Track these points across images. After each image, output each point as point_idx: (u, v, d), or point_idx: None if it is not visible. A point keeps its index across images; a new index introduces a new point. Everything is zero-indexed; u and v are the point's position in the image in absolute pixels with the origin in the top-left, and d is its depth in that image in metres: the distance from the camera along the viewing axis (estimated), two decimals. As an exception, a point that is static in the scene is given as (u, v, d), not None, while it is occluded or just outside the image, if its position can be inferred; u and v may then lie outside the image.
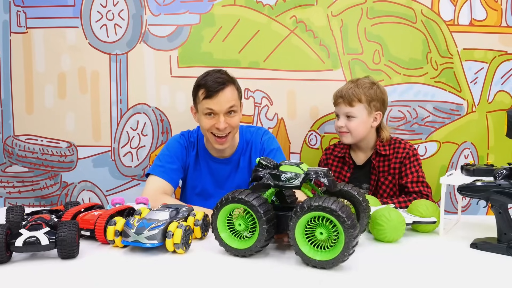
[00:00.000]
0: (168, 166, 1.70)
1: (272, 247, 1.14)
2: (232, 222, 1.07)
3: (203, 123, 1.63)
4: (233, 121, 1.62)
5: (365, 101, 1.73)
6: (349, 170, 1.84)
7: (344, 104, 1.74)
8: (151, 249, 1.08)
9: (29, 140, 2.12)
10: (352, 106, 1.73)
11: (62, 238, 0.98)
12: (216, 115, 1.59)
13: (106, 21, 2.08)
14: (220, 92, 1.57)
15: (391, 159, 1.77)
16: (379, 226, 1.16)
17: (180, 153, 1.75)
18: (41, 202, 2.15)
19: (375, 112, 1.77)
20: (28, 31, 2.09)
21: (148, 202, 1.37)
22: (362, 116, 1.74)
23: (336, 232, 0.95)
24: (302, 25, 2.08)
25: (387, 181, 1.77)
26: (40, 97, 2.10)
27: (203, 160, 1.78)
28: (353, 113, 1.74)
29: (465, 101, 2.11)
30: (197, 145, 1.78)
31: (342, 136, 1.79)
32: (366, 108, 1.74)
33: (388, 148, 1.79)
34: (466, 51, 2.10)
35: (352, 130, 1.75)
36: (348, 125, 1.75)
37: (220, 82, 1.58)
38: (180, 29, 2.08)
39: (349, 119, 1.75)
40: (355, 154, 1.87)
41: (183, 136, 1.79)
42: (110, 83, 2.09)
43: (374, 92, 1.76)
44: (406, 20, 2.09)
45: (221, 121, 1.58)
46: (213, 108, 1.58)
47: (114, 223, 1.09)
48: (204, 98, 1.58)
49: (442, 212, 1.26)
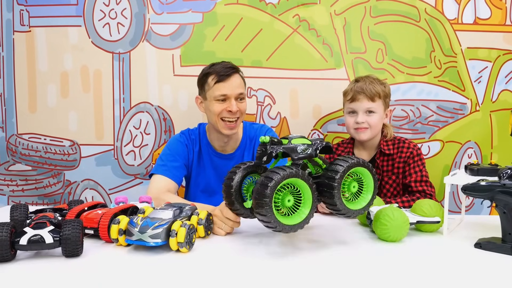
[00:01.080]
0: (170, 164, 1.71)
1: (275, 246, 1.14)
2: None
3: (214, 108, 1.65)
4: (242, 106, 1.68)
5: (383, 97, 1.75)
6: None
7: (366, 99, 1.72)
8: (154, 248, 1.08)
9: (32, 139, 2.12)
10: (374, 101, 1.73)
11: (66, 237, 0.98)
12: (227, 99, 1.64)
13: (109, 20, 2.09)
14: (231, 76, 1.64)
15: (395, 159, 1.76)
16: (382, 226, 1.16)
17: (182, 151, 1.76)
18: (44, 201, 2.15)
19: (387, 108, 1.79)
20: (31, 30, 2.09)
21: (152, 201, 1.37)
22: (381, 111, 1.75)
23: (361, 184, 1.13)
24: (305, 24, 2.08)
25: (390, 181, 1.77)
26: (43, 96, 2.11)
27: (206, 155, 1.79)
28: (374, 108, 1.73)
29: (468, 100, 2.11)
30: (200, 141, 1.80)
31: (360, 133, 1.75)
32: (383, 104, 1.76)
33: (392, 148, 1.78)
34: (470, 50, 2.09)
35: (372, 126, 1.74)
36: (369, 120, 1.73)
37: (230, 67, 1.66)
38: (182, 28, 2.08)
39: (369, 114, 1.74)
40: (359, 152, 1.86)
41: (183, 135, 1.80)
42: (113, 82, 2.10)
43: (386, 88, 1.78)
44: (410, 19, 2.08)
45: (233, 103, 1.63)
46: (225, 92, 1.63)
47: (118, 222, 1.09)
48: (216, 82, 1.63)
49: (446, 212, 1.25)
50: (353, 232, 1.31)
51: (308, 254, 1.09)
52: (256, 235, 1.27)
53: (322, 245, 1.18)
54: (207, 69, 1.70)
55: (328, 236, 1.28)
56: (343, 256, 1.08)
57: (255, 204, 1.00)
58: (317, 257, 1.07)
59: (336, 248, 1.14)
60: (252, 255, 1.08)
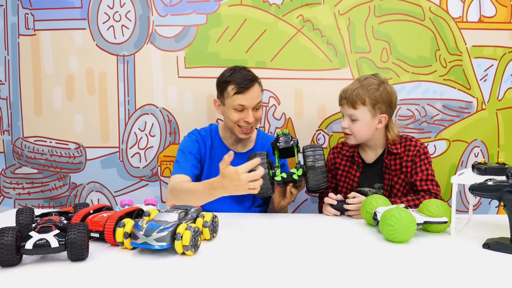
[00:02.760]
0: (183, 162, 1.73)
1: (282, 248, 1.14)
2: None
3: (231, 116, 1.70)
4: (258, 114, 1.74)
5: (369, 104, 1.65)
6: (358, 169, 1.80)
7: (348, 106, 1.68)
8: (160, 251, 1.08)
9: (38, 142, 2.13)
10: (355, 108, 1.66)
11: (71, 241, 0.98)
12: (245, 109, 1.69)
13: (113, 22, 2.09)
14: (250, 88, 1.68)
15: (402, 157, 1.72)
16: (389, 227, 1.15)
17: (192, 147, 1.78)
18: (50, 203, 2.16)
19: (379, 114, 1.68)
20: (36, 33, 2.10)
21: (157, 203, 1.37)
22: (365, 118, 1.67)
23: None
24: (309, 24, 2.07)
25: (400, 180, 1.72)
26: (49, 99, 2.12)
27: (219, 150, 1.82)
28: (356, 115, 1.67)
29: (474, 99, 2.09)
30: (211, 137, 1.84)
31: (346, 138, 1.76)
32: (370, 111, 1.66)
33: (400, 147, 1.74)
34: (475, 48, 2.07)
35: (354, 133, 1.70)
36: (351, 127, 1.69)
37: (250, 79, 1.69)
38: (187, 29, 2.08)
39: (352, 121, 1.69)
40: (364, 152, 1.82)
41: (193, 134, 1.83)
42: (118, 84, 2.10)
43: (380, 94, 1.66)
44: (414, 18, 2.07)
45: (250, 115, 1.69)
46: (244, 104, 1.67)
47: (123, 225, 1.09)
48: (235, 93, 1.68)
49: (454, 212, 1.24)
50: (359, 233, 1.30)
51: (315, 255, 1.08)
52: (263, 237, 1.27)
53: (328, 246, 1.17)
54: (227, 75, 1.71)
55: (335, 237, 1.27)
56: (350, 257, 1.07)
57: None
58: (323, 258, 1.06)
59: (342, 249, 1.13)
60: (258, 258, 1.07)
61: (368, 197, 1.39)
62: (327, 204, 1.59)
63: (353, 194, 1.56)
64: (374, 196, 1.38)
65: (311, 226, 1.42)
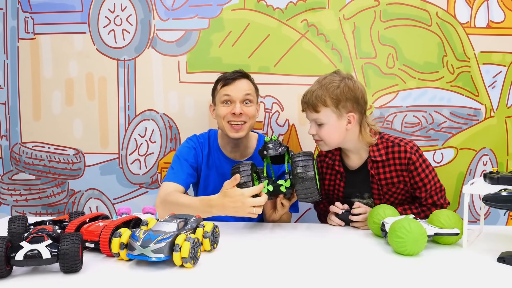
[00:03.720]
0: (178, 169, 1.68)
1: (285, 260, 1.09)
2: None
3: (220, 111, 1.67)
4: (249, 110, 1.66)
5: (331, 104, 1.48)
6: (341, 178, 1.64)
7: (310, 111, 1.53)
8: (157, 263, 1.03)
9: (36, 147, 2.09)
10: (317, 112, 1.50)
11: (64, 252, 0.93)
12: (232, 103, 1.65)
13: (114, 26, 2.05)
14: (237, 80, 1.66)
15: (390, 165, 1.55)
16: (399, 239, 1.10)
17: (189, 154, 1.73)
18: (48, 210, 2.12)
19: (346, 114, 1.51)
20: (35, 37, 2.07)
21: (156, 212, 1.32)
22: (331, 120, 1.50)
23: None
24: (313, 29, 2.03)
25: (391, 191, 1.58)
26: (48, 104, 2.08)
27: (216, 159, 1.77)
28: (321, 119, 1.51)
29: (483, 106, 2.04)
30: (209, 145, 1.78)
31: (318, 144, 1.60)
32: (334, 112, 1.49)
33: (385, 152, 1.55)
34: (483, 54, 2.03)
35: (323, 138, 1.54)
36: (319, 132, 1.54)
37: (237, 72, 1.69)
38: (188, 34, 2.04)
39: (319, 126, 1.53)
40: (347, 158, 1.65)
41: (190, 140, 1.78)
42: (118, 89, 2.06)
43: (341, 91, 1.48)
44: (421, 23, 2.02)
45: (237, 106, 1.63)
46: (229, 93, 1.64)
47: (119, 235, 1.04)
48: (222, 86, 1.66)
49: (466, 223, 1.19)
50: (366, 245, 1.25)
51: (320, 268, 1.03)
52: (265, 248, 1.21)
53: (334, 258, 1.12)
54: (220, 76, 1.73)
55: (340, 248, 1.22)
56: (357, 270, 1.02)
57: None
58: (329, 271, 1.01)
59: (349, 262, 1.08)
60: (261, 270, 1.02)
61: (375, 207, 1.33)
62: (332, 213, 1.54)
63: (357, 204, 1.51)
64: (382, 206, 1.32)
65: (315, 237, 1.37)
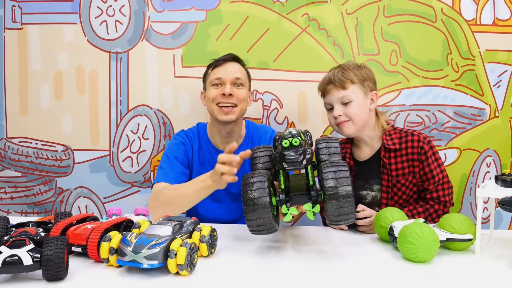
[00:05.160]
0: (168, 169, 1.60)
1: (285, 267, 1.01)
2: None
3: (209, 93, 1.61)
4: (239, 92, 1.60)
5: (358, 82, 1.52)
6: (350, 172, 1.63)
7: (336, 89, 1.52)
8: (151, 270, 0.94)
9: (22, 143, 2.00)
10: (345, 88, 1.51)
11: (47, 258, 0.85)
12: (223, 85, 1.59)
13: (106, 17, 1.97)
14: (228, 62, 1.61)
15: (403, 155, 1.55)
16: (410, 245, 1.02)
17: (178, 151, 1.65)
18: (34, 209, 2.02)
19: (370, 92, 1.56)
20: (23, 27, 1.98)
21: (149, 214, 1.24)
22: (359, 98, 1.52)
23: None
24: (314, 23, 1.96)
25: (400, 183, 1.56)
26: (35, 98, 1.99)
27: (207, 153, 1.68)
28: (349, 96, 1.51)
29: (487, 106, 1.99)
30: (199, 138, 1.71)
31: (343, 127, 1.54)
32: (361, 89, 1.53)
33: (398, 142, 1.56)
34: (489, 53, 1.97)
35: (352, 116, 1.51)
36: (346, 111, 1.51)
37: (229, 55, 1.64)
38: (184, 26, 1.96)
39: (345, 105, 1.52)
40: (358, 150, 1.64)
41: (179, 136, 1.70)
42: (110, 83, 1.97)
43: (364, 71, 1.56)
44: (425, 19, 1.97)
45: (227, 86, 1.57)
46: (220, 76, 1.59)
47: (109, 239, 0.96)
48: (212, 69, 1.62)
49: (479, 228, 1.12)
50: (374, 250, 1.18)
51: (325, 275, 0.95)
52: (266, 253, 1.14)
53: (340, 263, 1.04)
54: (211, 62, 1.67)
55: (346, 254, 1.14)
56: (365, 278, 0.94)
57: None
58: (335, 277, 0.93)
59: (355, 268, 1.00)
60: (261, 276, 0.94)
61: (382, 210, 1.26)
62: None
63: (361, 207, 1.43)
64: (389, 209, 1.25)
65: (319, 241, 1.29)
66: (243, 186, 1.04)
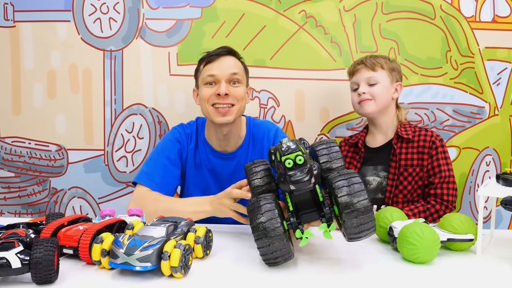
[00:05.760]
0: (154, 172, 1.49)
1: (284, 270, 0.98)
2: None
3: (202, 93, 1.48)
4: (236, 91, 1.47)
5: (387, 69, 1.64)
6: (359, 159, 1.70)
7: (366, 69, 1.63)
8: (144, 273, 0.91)
9: (15, 143, 1.96)
10: (375, 70, 1.63)
11: (36, 260, 0.82)
12: (217, 83, 1.46)
13: (100, 14, 1.94)
14: (222, 57, 1.47)
15: (414, 146, 1.61)
16: (410, 245, 1.00)
17: (170, 150, 1.55)
18: (28, 210, 1.99)
19: (395, 82, 1.66)
20: (15, 25, 1.95)
21: (143, 214, 1.21)
22: (385, 82, 1.63)
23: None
24: (312, 21, 1.94)
25: (407, 172, 1.59)
26: (28, 97, 1.96)
27: (203, 154, 1.58)
28: (376, 78, 1.62)
29: (487, 104, 1.97)
30: (196, 137, 1.61)
31: (364, 105, 1.63)
32: (389, 76, 1.64)
33: (412, 133, 1.63)
34: (488, 50, 1.96)
35: (375, 96, 1.62)
36: (371, 90, 1.62)
37: (223, 48, 1.50)
38: (180, 23, 1.93)
39: (371, 86, 1.63)
40: (372, 137, 1.72)
41: (176, 130, 1.60)
42: (104, 82, 1.95)
43: (394, 63, 1.68)
44: (424, 16, 1.95)
45: (222, 85, 1.44)
46: (213, 73, 1.45)
47: (101, 241, 0.93)
48: (205, 65, 1.48)
49: (480, 228, 1.10)
50: (372, 251, 1.15)
51: (322, 276, 0.93)
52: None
53: (338, 265, 1.01)
54: (203, 56, 1.54)
55: (344, 254, 1.12)
56: (363, 279, 0.92)
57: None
58: (332, 278, 0.91)
59: (354, 269, 0.97)
60: (258, 278, 0.91)
61: (381, 210, 1.23)
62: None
63: None
64: (389, 209, 1.22)
65: (316, 242, 1.27)
66: (251, 219, 0.93)
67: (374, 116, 1.67)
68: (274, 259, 0.93)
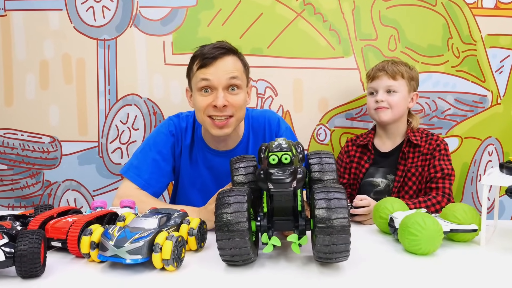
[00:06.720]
0: (143, 168, 1.40)
1: (279, 262, 0.95)
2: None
3: (197, 102, 1.31)
4: (235, 99, 1.30)
5: (407, 78, 1.65)
6: (368, 160, 1.72)
7: (387, 77, 1.64)
8: (134, 266, 0.88)
9: (8, 135, 1.92)
10: (395, 79, 1.64)
11: (21, 253, 0.78)
12: (213, 90, 1.30)
13: (93, 3, 1.89)
14: (218, 59, 1.28)
15: (422, 151, 1.64)
16: (412, 236, 0.96)
17: (164, 144, 1.44)
18: (21, 203, 1.96)
19: (412, 91, 1.69)
20: (6, 14, 1.90)
21: (135, 206, 1.17)
22: (403, 92, 1.65)
23: None
24: (310, 8, 1.89)
25: (414, 176, 1.63)
26: (21, 88, 1.91)
27: (200, 151, 1.49)
28: (395, 87, 1.64)
29: (489, 92, 1.93)
30: (193, 132, 1.49)
31: (380, 112, 1.65)
32: (407, 85, 1.66)
33: (420, 139, 1.66)
34: (490, 37, 1.92)
35: (393, 105, 1.64)
36: (389, 99, 1.64)
37: (219, 48, 1.30)
38: (175, 11, 1.88)
39: (390, 93, 1.65)
40: (381, 141, 1.74)
41: (171, 121, 1.49)
42: (98, 72, 1.90)
43: (413, 72, 1.69)
44: (425, 3, 1.91)
45: (219, 96, 1.27)
46: (209, 77, 1.27)
47: (90, 233, 0.89)
48: (199, 68, 1.29)
49: (484, 218, 1.06)
50: (373, 242, 1.12)
51: (322, 268, 0.89)
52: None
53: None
54: (196, 50, 1.36)
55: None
56: (364, 271, 0.88)
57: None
58: (332, 270, 0.87)
59: (355, 262, 0.94)
60: (252, 272, 0.88)
61: (381, 201, 1.20)
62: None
63: (360, 196, 1.38)
64: (389, 199, 1.19)
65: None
66: (217, 207, 0.86)
67: (388, 123, 1.69)
68: (232, 257, 0.86)
